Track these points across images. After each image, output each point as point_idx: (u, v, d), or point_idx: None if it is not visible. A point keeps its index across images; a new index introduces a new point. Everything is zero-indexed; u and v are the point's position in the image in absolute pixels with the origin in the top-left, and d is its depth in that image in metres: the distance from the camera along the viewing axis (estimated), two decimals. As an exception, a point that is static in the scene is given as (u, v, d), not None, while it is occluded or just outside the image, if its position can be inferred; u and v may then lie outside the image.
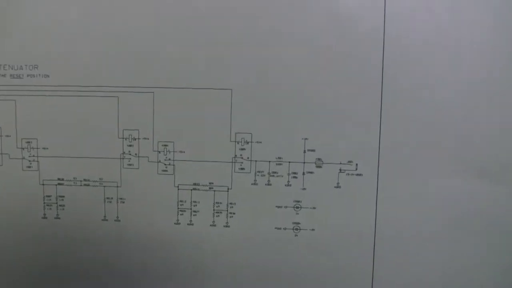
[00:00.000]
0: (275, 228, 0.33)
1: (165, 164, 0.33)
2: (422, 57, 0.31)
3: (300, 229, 0.33)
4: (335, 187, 0.32)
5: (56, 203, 0.33)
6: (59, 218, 0.33)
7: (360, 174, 0.32)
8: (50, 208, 0.33)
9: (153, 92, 0.32)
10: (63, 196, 0.33)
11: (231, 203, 0.33)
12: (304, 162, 0.32)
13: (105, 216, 0.33)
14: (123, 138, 0.32)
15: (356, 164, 0.32)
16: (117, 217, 0.33)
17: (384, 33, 0.31)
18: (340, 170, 0.32)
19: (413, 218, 0.32)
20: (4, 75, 0.32)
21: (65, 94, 0.32)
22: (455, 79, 0.31)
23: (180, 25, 0.32)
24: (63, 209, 0.33)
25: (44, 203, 0.33)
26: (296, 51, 0.31)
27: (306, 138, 0.32)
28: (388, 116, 0.31)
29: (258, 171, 0.32)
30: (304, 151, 0.32)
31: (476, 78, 0.31)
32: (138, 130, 0.32)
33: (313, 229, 0.32)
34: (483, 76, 0.31)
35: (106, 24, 0.32)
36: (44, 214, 0.33)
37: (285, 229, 0.33)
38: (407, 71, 0.31)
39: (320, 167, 0.32)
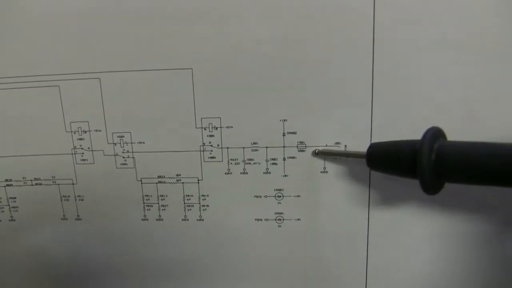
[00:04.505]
0: (255, 219, 0.30)
1: (123, 157, 0.29)
2: (417, 20, 0.25)
3: (283, 219, 0.29)
4: (321, 172, 0.28)
5: (8, 205, 0.31)
6: (14, 220, 0.31)
7: (350, 157, 0.28)
8: (3, 211, 0.31)
9: (99, 78, 0.28)
10: (15, 198, 0.30)
11: (203, 195, 0.29)
12: (284, 147, 0.28)
13: (64, 215, 0.31)
14: (71, 131, 0.29)
15: (345, 146, 0.28)
16: (78, 215, 0.30)
17: None
18: (327, 153, 0.28)
19: (411, 205, 0.28)
20: None
21: (0, 87, 0.28)
22: (452, 51, 0.26)
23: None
24: (17, 210, 0.31)
25: (-6, 205, 0.31)
26: (267, 18, 0.26)
27: (285, 120, 0.28)
28: (381, 88, 0.27)
29: (231, 159, 0.29)
30: (284, 134, 0.28)
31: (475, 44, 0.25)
32: (87, 121, 0.28)
33: (298, 219, 0.29)
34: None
35: (40, 3, 0.27)
36: (-3, 217, 0.31)
37: (266, 220, 0.30)
38: (401, 32, 0.26)
39: (303, 151, 0.28)
